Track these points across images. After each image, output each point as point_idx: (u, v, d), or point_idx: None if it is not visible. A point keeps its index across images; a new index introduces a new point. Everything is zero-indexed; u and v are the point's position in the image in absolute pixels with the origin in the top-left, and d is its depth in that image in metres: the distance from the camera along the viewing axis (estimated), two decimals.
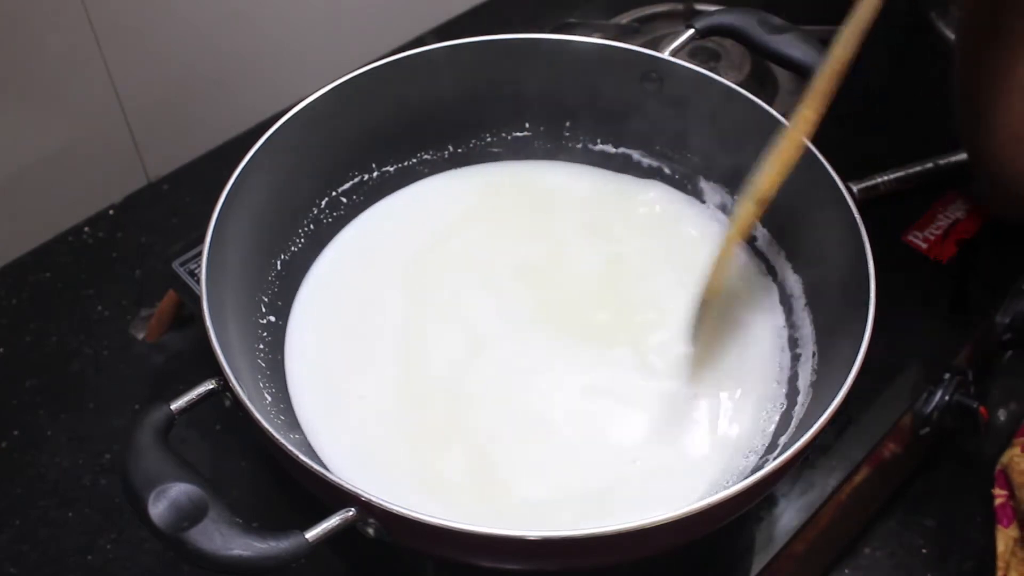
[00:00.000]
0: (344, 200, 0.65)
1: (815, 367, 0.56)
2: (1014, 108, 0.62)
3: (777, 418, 0.56)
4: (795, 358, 0.58)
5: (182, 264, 0.65)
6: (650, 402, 0.57)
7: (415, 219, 0.66)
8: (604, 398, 0.57)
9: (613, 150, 0.69)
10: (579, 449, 0.55)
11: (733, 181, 0.65)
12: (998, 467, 0.68)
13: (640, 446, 0.55)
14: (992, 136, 0.64)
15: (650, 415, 0.56)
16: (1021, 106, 0.62)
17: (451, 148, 0.68)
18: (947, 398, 0.66)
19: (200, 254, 0.52)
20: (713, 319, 0.60)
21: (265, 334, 0.59)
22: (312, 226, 0.64)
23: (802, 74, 0.63)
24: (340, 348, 0.59)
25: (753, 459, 0.54)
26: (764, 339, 0.60)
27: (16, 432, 0.67)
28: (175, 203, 0.81)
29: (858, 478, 0.62)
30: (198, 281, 0.51)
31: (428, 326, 0.60)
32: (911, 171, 0.74)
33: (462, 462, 0.54)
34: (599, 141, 0.69)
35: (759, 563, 0.58)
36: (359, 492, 0.43)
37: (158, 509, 0.42)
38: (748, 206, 0.57)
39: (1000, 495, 0.68)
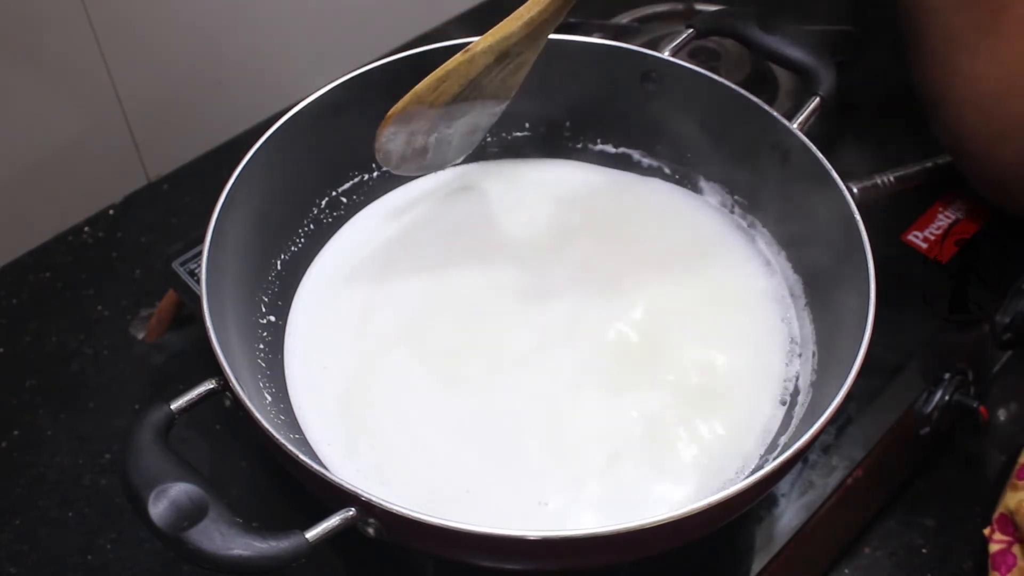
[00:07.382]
0: (344, 200, 0.65)
1: (815, 367, 0.56)
2: (974, 103, 0.62)
3: (777, 418, 0.56)
4: (795, 358, 0.58)
5: (182, 264, 0.65)
6: (645, 402, 0.57)
7: (415, 218, 0.66)
8: (599, 403, 0.57)
9: (613, 150, 0.69)
10: (561, 444, 0.55)
11: (733, 181, 0.65)
12: (998, 510, 0.63)
13: (631, 446, 0.55)
14: (957, 128, 0.64)
15: (645, 415, 0.56)
16: (979, 100, 0.61)
17: None
18: (947, 398, 0.66)
19: (200, 254, 0.52)
20: (711, 318, 0.60)
21: (265, 334, 0.59)
22: (312, 226, 0.64)
23: (802, 74, 0.63)
24: (339, 348, 0.59)
25: (753, 459, 0.54)
26: (764, 339, 0.60)
27: (16, 432, 0.67)
28: (175, 203, 0.81)
29: (858, 478, 0.62)
30: (198, 281, 0.51)
31: (428, 325, 0.60)
32: (911, 171, 0.74)
33: (473, 472, 0.54)
34: (599, 141, 0.69)
35: (759, 563, 0.58)
36: (359, 492, 0.43)
37: (158, 509, 0.42)
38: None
39: (1000, 541, 0.62)
